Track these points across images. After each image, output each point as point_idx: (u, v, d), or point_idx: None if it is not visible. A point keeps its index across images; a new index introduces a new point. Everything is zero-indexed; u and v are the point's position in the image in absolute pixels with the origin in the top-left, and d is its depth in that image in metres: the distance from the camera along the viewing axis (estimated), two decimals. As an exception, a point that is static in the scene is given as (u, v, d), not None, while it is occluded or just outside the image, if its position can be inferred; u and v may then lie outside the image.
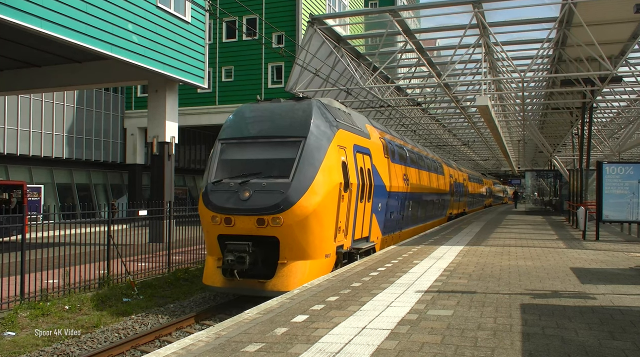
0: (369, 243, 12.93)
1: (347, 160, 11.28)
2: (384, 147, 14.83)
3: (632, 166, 16.06)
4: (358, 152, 12.19)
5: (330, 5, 33.83)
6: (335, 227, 10.52)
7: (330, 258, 10.48)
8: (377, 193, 13.40)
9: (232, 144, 10.89)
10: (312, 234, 9.87)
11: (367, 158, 12.89)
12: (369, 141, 13.53)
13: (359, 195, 11.76)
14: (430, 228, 21.48)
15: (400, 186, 16.13)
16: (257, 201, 9.71)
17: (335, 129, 11.10)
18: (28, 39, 16.74)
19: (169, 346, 5.33)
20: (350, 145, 11.69)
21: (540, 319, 6.27)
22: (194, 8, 20.19)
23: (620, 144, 29.60)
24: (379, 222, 14.02)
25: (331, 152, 10.51)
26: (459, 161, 52.55)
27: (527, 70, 18.59)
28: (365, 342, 5.31)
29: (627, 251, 13.65)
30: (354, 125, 12.71)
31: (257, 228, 9.72)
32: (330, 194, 10.15)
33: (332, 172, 10.36)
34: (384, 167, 14.57)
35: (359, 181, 11.80)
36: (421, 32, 23.25)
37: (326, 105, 11.53)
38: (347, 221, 11.19)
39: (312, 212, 9.72)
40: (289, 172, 9.89)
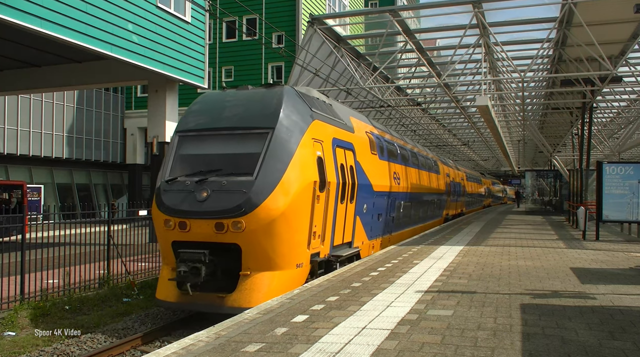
0: (351, 249, 11.67)
1: (325, 155, 10.00)
2: (370, 143, 13.56)
3: (632, 166, 16.07)
4: (338, 147, 10.92)
5: (330, 5, 33.84)
6: (309, 232, 9.25)
7: (302, 268, 9.21)
8: (362, 193, 12.17)
9: (191, 137, 9.60)
10: (280, 240, 8.62)
11: (349, 154, 11.57)
12: (353, 135, 12.20)
13: (338, 195, 10.53)
14: (425, 230, 20.23)
15: (389, 185, 14.90)
16: (216, 202, 8.48)
17: (310, 119, 9.83)
18: (28, 39, 16.75)
19: (169, 346, 5.33)
20: (328, 138, 10.44)
21: (540, 319, 6.27)
22: (194, 8, 20.19)
23: (620, 144, 29.61)
24: (364, 225, 12.69)
25: (304, 145, 9.27)
26: (459, 161, 52.54)
27: (527, 70, 18.59)
28: (366, 342, 5.31)
29: (627, 251, 13.64)
30: (334, 117, 11.36)
31: (216, 234, 8.45)
32: (302, 193, 8.92)
33: (305, 168, 9.15)
34: (371, 164, 13.20)
35: (339, 179, 10.58)
36: (421, 32, 23.25)
37: (301, 93, 10.27)
38: (323, 225, 9.93)
39: (279, 215, 8.47)
40: (254, 168, 8.65)
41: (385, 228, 15.06)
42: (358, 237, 12.22)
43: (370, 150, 13.44)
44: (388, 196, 14.77)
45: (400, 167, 16.67)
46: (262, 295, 8.27)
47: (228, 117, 9.55)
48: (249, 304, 8.06)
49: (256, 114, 9.42)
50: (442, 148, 46.13)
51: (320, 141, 9.98)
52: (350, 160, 11.62)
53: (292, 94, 9.92)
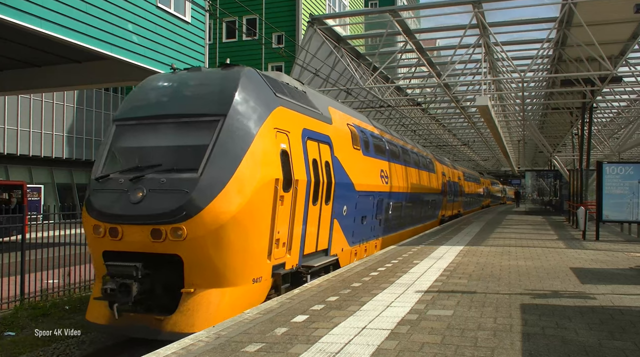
0: (327, 258, 10.31)
1: (291, 148, 8.66)
2: (352, 136, 12.14)
3: (632, 166, 16.08)
4: (310, 140, 9.55)
5: (330, 5, 33.84)
6: (270, 239, 7.92)
7: (261, 284, 7.87)
8: (341, 193, 10.84)
9: (129, 126, 8.22)
10: (230, 250, 7.27)
11: (325, 148, 10.22)
12: (330, 127, 10.77)
13: (310, 195, 9.19)
14: (419, 233, 19.04)
15: (375, 184, 13.57)
16: (152, 204, 7.13)
17: (273, 105, 8.48)
18: (28, 39, 16.75)
19: (169, 346, 5.33)
20: (297, 129, 9.07)
21: (540, 319, 6.27)
22: (194, 8, 20.20)
23: (620, 144, 29.62)
24: (344, 229, 11.31)
25: (264, 136, 7.95)
26: (459, 161, 52.54)
27: (527, 70, 18.60)
28: (365, 342, 5.31)
29: (627, 251, 13.64)
30: (306, 105, 9.95)
31: (153, 243, 7.09)
32: (259, 193, 7.59)
33: (264, 163, 7.84)
34: (353, 160, 11.86)
35: (310, 176, 9.20)
36: (421, 32, 23.27)
37: (265, 76, 8.92)
38: (290, 231, 8.58)
39: (230, 219, 7.15)
40: (199, 163, 7.34)
41: (372, 232, 13.68)
42: (336, 243, 10.87)
43: (353, 145, 12.05)
44: (374, 196, 13.43)
45: (389, 165, 15.31)
46: (208, 317, 6.94)
47: (174, 102, 8.17)
48: (191, 328, 6.75)
49: (206, 98, 8.04)
50: (442, 148, 46.14)
51: (285, 132, 8.58)
52: (326, 156, 10.24)
53: (252, 75, 8.53)
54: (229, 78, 8.26)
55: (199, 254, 7.14)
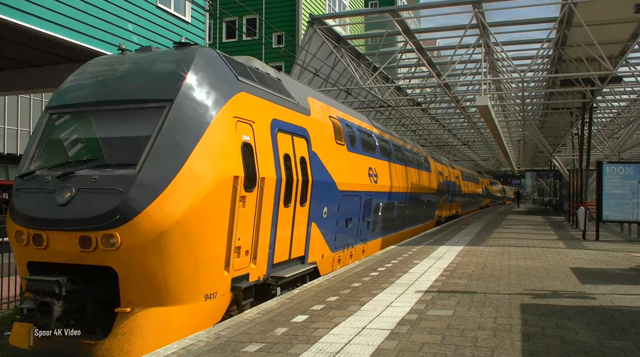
0: (303, 266, 9.20)
1: (256, 141, 7.58)
2: (335, 130, 11.05)
3: (632, 166, 16.09)
4: (282, 132, 8.46)
5: (330, 5, 33.85)
6: (228, 247, 6.87)
7: (216, 300, 6.75)
8: (320, 193, 9.74)
9: (63, 114, 7.19)
10: (175, 262, 6.19)
11: (300, 142, 9.11)
12: (307, 119, 9.63)
13: (281, 196, 8.16)
14: (413, 235, 18.12)
15: (362, 183, 12.50)
16: (81, 206, 6.08)
17: (234, 91, 7.38)
18: (28, 39, 16.75)
19: (169, 346, 5.33)
20: (264, 119, 7.97)
21: (540, 319, 6.27)
22: (194, 8, 20.21)
23: (620, 144, 29.63)
24: (325, 233, 10.23)
25: (220, 126, 6.88)
26: (459, 161, 52.55)
27: (527, 70, 18.60)
28: (365, 342, 5.31)
29: (627, 251, 13.65)
30: (278, 93, 8.81)
31: (82, 253, 6.03)
32: (213, 193, 6.52)
33: (220, 158, 6.76)
34: (335, 156, 10.79)
35: (281, 174, 8.15)
36: (421, 32, 23.26)
37: (227, 57, 7.85)
38: (255, 237, 7.52)
39: (174, 224, 6.09)
40: (138, 157, 6.29)
41: (358, 236, 12.64)
42: (315, 249, 9.78)
43: (336, 140, 10.97)
44: (360, 196, 12.36)
45: (379, 163, 14.23)
46: (147, 342, 5.89)
47: (115, 87, 7.07)
48: (127, 355, 5.78)
49: (151, 81, 6.94)
50: (442, 148, 46.14)
51: (249, 121, 7.48)
52: (302, 151, 9.13)
53: (210, 56, 7.48)
54: (180, 58, 7.13)
55: (136, 267, 6.06)
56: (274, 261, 8.21)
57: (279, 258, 8.39)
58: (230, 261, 6.96)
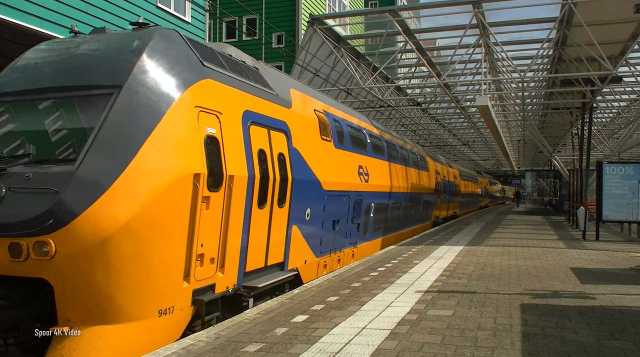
0: (282, 273, 8.42)
1: (224, 134, 6.78)
2: (321, 125, 10.28)
3: (632, 166, 16.10)
4: (257, 125, 7.67)
5: (330, 5, 33.86)
6: (188, 255, 6.07)
7: (173, 315, 5.95)
8: (302, 192, 8.98)
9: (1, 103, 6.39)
10: (121, 272, 5.41)
11: (278, 137, 8.35)
12: (288, 111, 8.87)
13: (254, 196, 7.39)
14: (407, 238, 17.39)
15: (352, 182, 11.78)
16: (11, 208, 5.32)
17: (198, 77, 6.59)
18: (28, 39, 16.75)
19: (169, 346, 5.33)
20: (234, 110, 7.16)
21: (540, 319, 6.28)
22: (194, 8, 20.21)
23: (620, 144, 29.63)
24: (308, 237, 9.47)
25: (177, 116, 6.06)
26: (459, 161, 52.55)
27: (527, 70, 18.60)
28: (365, 342, 5.31)
29: (627, 251, 13.65)
30: (253, 83, 8.00)
31: (12, 262, 5.30)
32: (168, 193, 5.71)
33: (177, 153, 5.93)
34: (320, 153, 10.04)
35: (255, 172, 7.38)
36: (421, 32, 23.26)
37: (192, 41, 7.08)
38: (222, 242, 6.76)
39: (119, 229, 5.30)
40: (78, 152, 5.55)
41: (347, 239, 11.88)
42: (296, 254, 9.01)
43: (321, 135, 10.23)
44: (349, 196, 11.65)
45: (370, 161, 13.47)
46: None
47: (59, 73, 6.29)
48: None
49: (100, 66, 6.14)
50: (442, 148, 46.16)
51: (214, 112, 6.70)
52: (281, 146, 8.39)
53: (170, 38, 6.68)
54: (136, 40, 6.35)
55: (75, 279, 5.26)
56: (247, 269, 7.42)
57: (253, 265, 7.60)
58: (191, 270, 6.15)
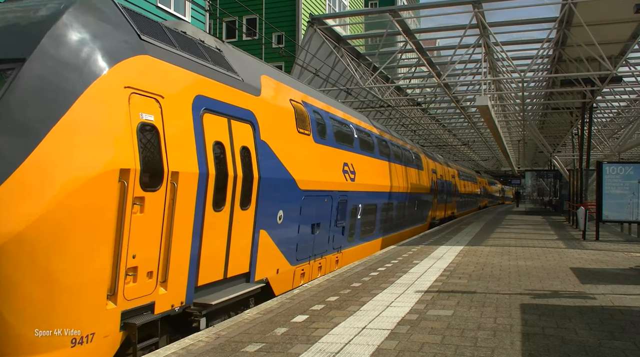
0: (247, 286, 7.43)
1: (166, 123, 5.74)
2: (297, 116, 9.26)
3: (632, 166, 16.10)
4: (212, 113, 6.65)
5: (330, 5, 33.86)
6: (114, 269, 5.06)
7: (94, 345, 4.94)
8: (273, 192, 8.05)
9: None
10: (17, 293, 4.51)
11: (243, 128, 7.35)
12: (256, 100, 7.83)
13: (208, 196, 6.37)
14: (401, 240, 16.55)
15: (335, 181, 10.79)
16: None
17: (130, 52, 5.50)
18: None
19: (169, 346, 5.33)
20: (181, 95, 6.10)
21: (540, 319, 6.28)
22: (194, 8, 20.21)
23: (620, 144, 29.64)
24: (281, 243, 8.49)
25: (96, 98, 5.00)
26: (459, 161, 52.56)
27: (527, 70, 18.60)
28: (365, 342, 5.31)
29: (627, 251, 13.65)
30: (210, 64, 6.98)
31: None
32: (81, 194, 4.72)
33: (96, 144, 4.89)
34: (296, 148, 9.07)
35: (208, 168, 6.37)
36: (421, 32, 23.26)
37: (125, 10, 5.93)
38: (164, 252, 5.74)
39: (12, 239, 4.39)
40: None
41: (330, 243, 10.96)
42: (266, 263, 8.03)
43: (298, 128, 9.23)
44: (332, 197, 10.69)
45: (357, 158, 12.47)
46: None
47: None
48: None
49: (4, 36, 5.13)
50: (442, 148, 46.17)
51: (153, 96, 5.64)
52: (245, 139, 7.38)
53: (96, 4, 5.56)
54: (53, 6, 5.28)
55: None
56: (200, 282, 6.41)
57: (209, 277, 6.61)
58: (119, 288, 5.10)
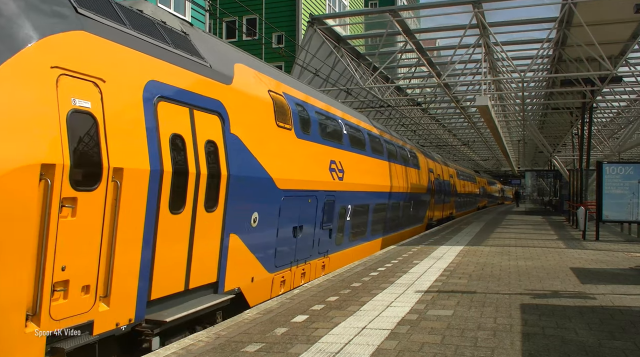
0: (214, 297, 6.68)
1: (107, 111, 5.03)
2: (276, 109, 8.55)
3: (632, 166, 16.10)
4: (170, 102, 5.92)
5: (330, 5, 33.86)
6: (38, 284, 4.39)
7: None
8: (247, 192, 7.38)
9: None
10: None
11: (209, 120, 6.62)
12: (226, 89, 7.14)
13: (162, 196, 5.63)
14: (395, 243, 15.77)
15: (320, 179, 10.06)
16: None
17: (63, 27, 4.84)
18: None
19: (169, 346, 5.33)
20: (129, 79, 5.37)
21: (540, 319, 6.28)
22: (194, 8, 20.20)
23: (620, 144, 29.64)
24: (256, 248, 7.77)
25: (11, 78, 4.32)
26: (459, 161, 52.55)
27: (527, 70, 18.60)
28: (365, 342, 5.31)
29: (627, 251, 13.65)
30: (170, 46, 6.32)
31: None
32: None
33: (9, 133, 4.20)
34: (275, 144, 8.36)
35: (165, 164, 5.67)
36: (421, 32, 23.26)
37: None
38: (105, 262, 5.02)
39: None
40: None
41: (315, 248, 10.21)
42: (238, 271, 7.31)
43: (277, 121, 8.52)
44: (317, 197, 9.96)
45: (347, 155, 11.76)
46: None
47: None
48: None
49: None
50: (442, 148, 46.17)
51: (91, 79, 4.95)
52: (212, 132, 6.66)
53: None
54: None
55: None
56: (153, 295, 5.65)
57: (165, 289, 5.84)
58: (43, 306, 4.40)
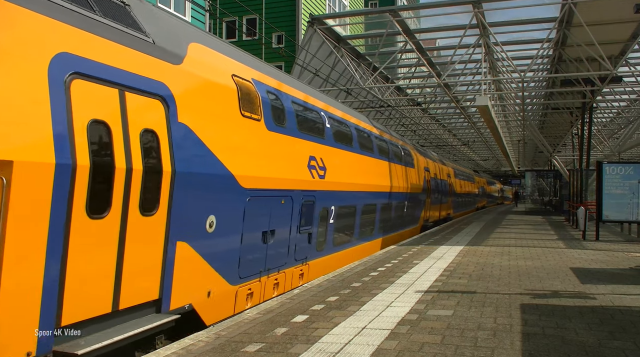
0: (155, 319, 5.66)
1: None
2: (242, 97, 7.55)
3: (632, 166, 16.10)
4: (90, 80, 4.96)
5: (330, 5, 33.86)
6: None
7: None
8: (200, 192, 6.40)
9: None
10: None
11: (149, 105, 5.70)
12: (173, 69, 6.17)
13: (76, 197, 4.69)
14: (386, 246, 15.01)
15: (296, 177, 9.05)
16: None
17: None
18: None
19: (169, 346, 5.33)
20: (26, 49, 4.44)
21: (540, 319, 6.28)
22: (194, 8, 20.20)
23: (620, 144, 29.64)
24: (213, 257, 6.75)
25: None
26: (459, 161, 52.55)
27: (527, 70, 18.61)
28: (365, 342, 5.31)
29: (627, 251, 13.65)
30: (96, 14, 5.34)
31: None
32: None
33: None
34: (238, 136, 7.36)
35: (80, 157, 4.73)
36: (421, 32, 23.25)
37: None
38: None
39: None
40: None
41: (292, 255, 9.21)
42: (189, 284, 6.29)
43: (242, 111, 7.50)
44: (293, 197, 8.95)
45: (329, 151, 10.69)
46: None
47: None
48: None
49: None
50: (442, 148, 46.17)
51: None
52: (151, 120, 5.71)
53: None
54: None
55: None
56: (65, 321, 4.69)
57: (84, 312, 4.89)
58: None
